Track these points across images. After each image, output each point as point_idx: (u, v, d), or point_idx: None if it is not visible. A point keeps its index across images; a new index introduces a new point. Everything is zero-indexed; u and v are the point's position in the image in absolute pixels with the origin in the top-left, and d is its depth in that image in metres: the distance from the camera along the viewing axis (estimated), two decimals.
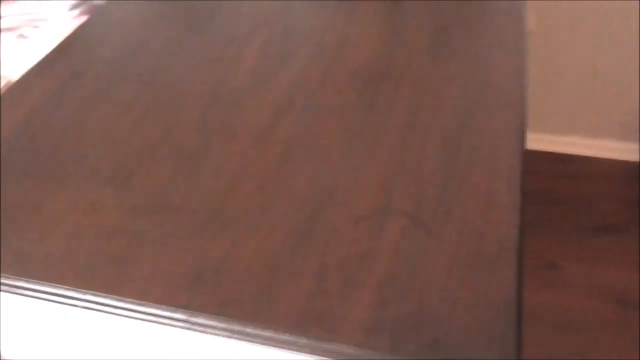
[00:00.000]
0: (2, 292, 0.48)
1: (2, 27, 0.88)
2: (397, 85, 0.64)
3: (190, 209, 0.51)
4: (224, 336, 0.43)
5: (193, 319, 0.43)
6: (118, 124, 0.61)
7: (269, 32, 0.74)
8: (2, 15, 0.90)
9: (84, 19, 0.83)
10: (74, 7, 0.89)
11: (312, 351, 0.41)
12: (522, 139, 0.56)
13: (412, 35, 0.72)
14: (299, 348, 0.42)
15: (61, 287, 0.45)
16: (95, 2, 0.87)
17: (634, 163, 1.75)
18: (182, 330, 0.44)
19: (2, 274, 0.47)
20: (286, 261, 0.47)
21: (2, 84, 0.70)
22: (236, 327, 0.43)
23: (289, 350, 0.42)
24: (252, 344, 0.43)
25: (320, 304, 0.43)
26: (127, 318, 0.45)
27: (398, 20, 0.75)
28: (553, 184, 1.71)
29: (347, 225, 0.49)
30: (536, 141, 1.79)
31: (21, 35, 0.85)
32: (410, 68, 0.67)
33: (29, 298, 0.47)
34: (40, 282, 0.46)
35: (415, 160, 0.55)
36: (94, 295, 0.45)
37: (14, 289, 0.47)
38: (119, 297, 0.44)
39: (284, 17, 0.77)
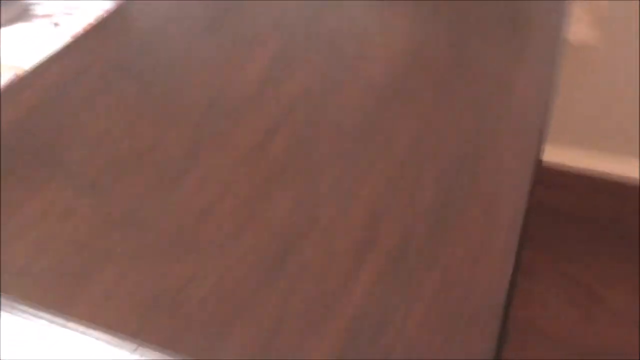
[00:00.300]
0: None
1: (39, 13, 0.88)
2: (406, 107, 0.60)
3: (161, 227, 0.49)
4: None
5: (141, 348, 0.41)
6: (110, 128, 0.59)
7: (283, 38, 0.71)
8: (40, 1, 0.91)
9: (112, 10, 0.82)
10: None
11: None
12: (530, 184, 0.51)
13: (435, 49, 0.67)
14: None
15: (17, 301, 0.44)
16: None
17: None
18: (130, 356, 0.42)
19: None
20: (248, 297, 0.44)
21: (11, 75, 0.70)
22: None
23: None
24: None
25: (275, 348, 0.40)
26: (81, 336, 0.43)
27: (424, 29, 0.70)
28: (597, 206, 1.61)
29: (322, 261, 0.46)
30: (578, 158, 1.69)
31: (56, 23, 0.85)
32: (425, 89, 0.62)
33: None
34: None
35: (408, 194, 0.51)
36: (47, 312, 0.44)
37: None
38: (70, 317, 0.43)
39: (303, 22, 0.74)
